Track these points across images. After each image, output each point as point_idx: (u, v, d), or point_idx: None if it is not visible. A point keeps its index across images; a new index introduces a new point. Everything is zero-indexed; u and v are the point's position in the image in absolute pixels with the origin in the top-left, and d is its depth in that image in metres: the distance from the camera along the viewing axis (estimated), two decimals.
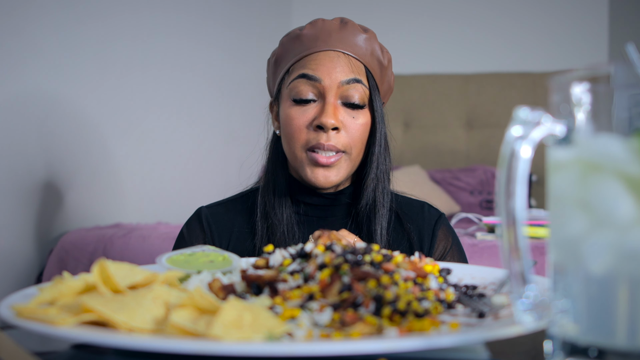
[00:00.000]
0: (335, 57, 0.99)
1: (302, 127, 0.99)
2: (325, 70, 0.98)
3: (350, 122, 0.99)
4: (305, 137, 0.98)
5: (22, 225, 1.68)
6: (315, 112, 0.98)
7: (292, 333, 0.48)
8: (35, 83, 1.70)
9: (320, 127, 0.97)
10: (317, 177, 0.98)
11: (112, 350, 0.51)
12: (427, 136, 3.42)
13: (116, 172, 2.08)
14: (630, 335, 0.39)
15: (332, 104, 0.97)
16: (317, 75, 0.98)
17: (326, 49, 1.00)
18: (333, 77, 0.98)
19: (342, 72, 0.98)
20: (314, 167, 0.98)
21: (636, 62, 0.44)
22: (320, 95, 0.99)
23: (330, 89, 0.98)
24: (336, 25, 1.02)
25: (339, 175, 0.99)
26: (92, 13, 1.92)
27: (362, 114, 1.00)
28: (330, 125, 0.96)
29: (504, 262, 0.43)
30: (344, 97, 0.99)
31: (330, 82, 0.98)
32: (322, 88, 0.98)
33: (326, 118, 0.96)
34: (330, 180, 0.99)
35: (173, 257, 0.70)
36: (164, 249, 1.62)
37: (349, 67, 0.99)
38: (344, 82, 0.98)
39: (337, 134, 0.97)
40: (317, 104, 0.99)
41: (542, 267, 1.33)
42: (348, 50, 1.00)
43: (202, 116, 2.64)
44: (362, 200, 1.03)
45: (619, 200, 0.39)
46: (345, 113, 0.99)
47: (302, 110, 0.99)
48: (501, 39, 3.43)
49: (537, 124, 0.42)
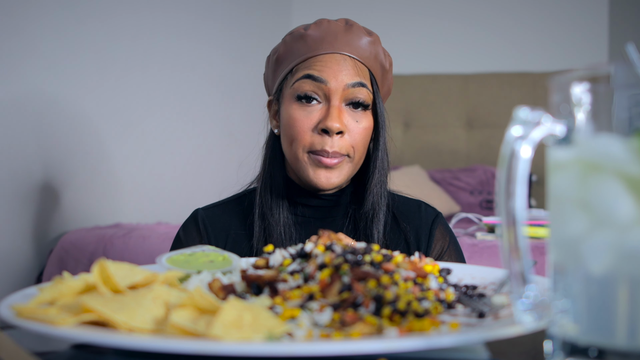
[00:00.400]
0: (342, 60, 0.99)
1: (306, 129, 0.98)
2: (332, 72, 0.98)
3: (354, 126, 0.99)
4: (309, 141, 0.98)
5: (22, 226, 1.68)
6: (320, 115, 0.98)
7: (292, 333, 0.48)
8: (35, 83, 1.70)
9: (325, 131, 0.97)
10: (320, 178, 0.98)
11: (112, 350, 0.51)
12: (427, 136, 3.42)
13: (116, 172, 2.08)
14: (630, 335, 0.39)
15: (337, 107, 0.97)
16: (323, 77, 0.97)
17: (332, 52, 0.99)
18: (339, 80, 0.97)
19: (347, 75, 0.98)
20: (316, 167, 0.98)
21: (636, 62, 0.44)
22: (325, 97, 0.98)
23: (335, 91, 0.97)
24: (341, 27, 1.01)
25: (340, 177, 0.99)
26: (92, 13, 1.92)
27: (365, 117, 1.00)
28: (336, 129, 0.95)
29: (504, 262, 0.43)
30: (348, 99, 0.99)
31: (336, 84, 0.97)
32: (328, 90, 0.97)
33: (332, 122, 0.95)
34: (332, 182, 0.98)
35: (173, 257, 0.70)
36: (163, 249, 1.62)
37: (355, 71, 0.99)
38: (349, 85, 0.98)
39: (341, 138, 0.97)
40: (321, 106, 0.98)
41: (542, 267, 1.33)
42: (353, 54, 1.00)
43: (201, 116, 2.64)
44: (365, 205, 1.02)
45: (619, 200, 0.39)
46: (349, 117, 0.99)
47: (306, 112, 0.98)
48: (501, 39, 3.43)
49: (537, 124, 0.42)
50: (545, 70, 3.31)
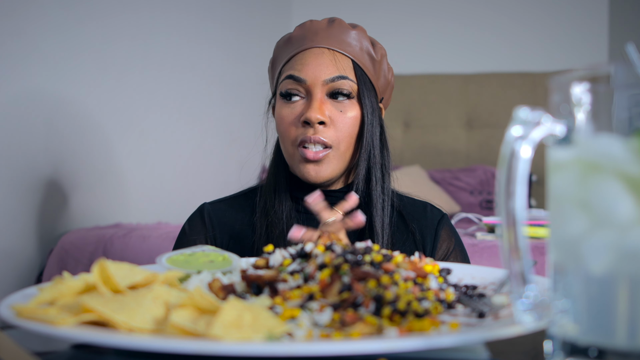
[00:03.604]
0: (320, 54, 1.01)
1: (290, 123, 1.01)
2: (310, 69, 1.00)
3: (338, 116, 1.00)
4: (294, 133, 1.00)
5: (22, 225, 1.68)
6: (302, 109, 1.01)
7: (292, 333, 0.48)
8: (35, 83, 1.70)
9: (307, 123, 0.99)
10: (309, 173, 1.00)
11: (112, 350, 0.51)
12: (427, 136, 3.42)
13: (116, 172, 2.08)
14: (630, 335, 0.39)
15: (319, 99, 0.99)
16: (301, 77, 1.00)
17: (311, 47, 1.02)
18: (317, 75, 1.00)
19: (326, 70, 1.00)
20: (305, 163, 1.00)
21: (636, 62, 0.44)
22: (307, 92, 1.01)
23: (315, 86, 1.00)
24: (324, 24, 1.04)
25: (329, 169, 1.00)
26: (92, 13, 1.92)
27: (350, 107, 1.01)
28: (316, 119, 0.98)
29: (504, 262, 0.43)
30: (329, 91, 1.01)
31: (314, 80, 1.00)
32: (307, 87, 1.00)
33: (311, 113, 0.98)
34: (322, 175, 1.00)
35: (173, 257, 0.70)
36: (164, 249, 1.62)
37: (333, 63, 1.00)
38: (327, 80, 1.00)
39: (324, 128, 0.99)
40: (304, 100, 1.01)
41: (542, 267, 1.33)
42: (333, 46, 1.02)
43: (202, 116, 2.64)
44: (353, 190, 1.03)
45: (619, 200, 0.39)
46: (333, 107, 1.00)
47: (290, 107, 1.01)
48: (501, 39, 3.43)
49: (537, 124, 0.42)
50: (545, 70, 3.31)
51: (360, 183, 1.03)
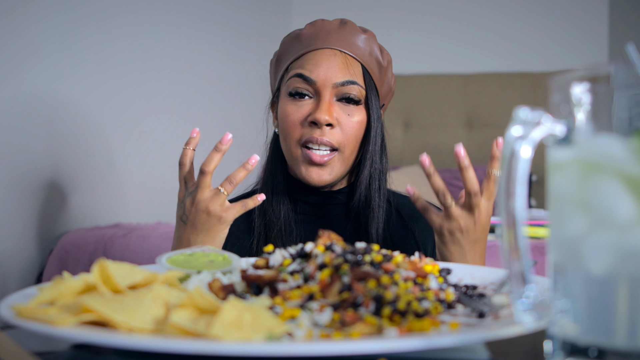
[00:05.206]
0: (332, 56, 1.00)
1: (296, 122, 1.00)
2: (321, 70, 0.99)
3: (346, 120, 1.00)
4: (299, 133, 1.00)
5: (22, 226, 1.68)
6: (310, 109, 1.00)
7: (292, 333, 0.48)
8: (35, 83, 1.70)
9: (314, 123, 0.98)
10: (311, 176, 0.99)
11: (112, 350, 0.51)
12: (427, 136, 3.42)
13: (116, 172, 2.08)
14: (630, 335, 0.39)
15: (327, 101, 0.99)
16: (312, 77, 0.99)
17: (323, 47, 1.01)
18: (328, 78, 0.99)
19: (337, 73, 0.99)
20: (308, 165, 0.99)
21: (636, 62, 0.45)
22: (316, 93, 1.00)
23: (324, 88, 0.99)
24: (335, 25, 1.03)
25: (332, 174, 1.00)
26: (92, 13, 1.92)
27: (357, 111, 1.01)
28: (324, 121, 0.97)
29: (504, 262, 0.43)
30: (339, 95, 1.00)
31: (325, 82, 0.99)
32: (317, 88, 0.99)
33: (320, 114, 0.97)
34: (324, 179, 1.00)
35: (173, 257, 0.70)
36: (164, 249, 1.62)
37: (345, 66, 1.00)
38: (338, 84, 0.99)
39: (331, 130, 0.98)
40: (312, 100, 1.00)
41: (542, 267, 1.33)
42: (345, 49, 1.01)
43: (202, 116, 2.64)
44: (355, 197, 1.03)
45: (619, 200, 0.39)
46: (340, 110, 1.00)
47: (297, 106, 1.00)
48: (501, 39, 3.43)
49: (537, 124, 0.42)
50: (545, 70, 3.31)
51: (362, 187, 1.03)
